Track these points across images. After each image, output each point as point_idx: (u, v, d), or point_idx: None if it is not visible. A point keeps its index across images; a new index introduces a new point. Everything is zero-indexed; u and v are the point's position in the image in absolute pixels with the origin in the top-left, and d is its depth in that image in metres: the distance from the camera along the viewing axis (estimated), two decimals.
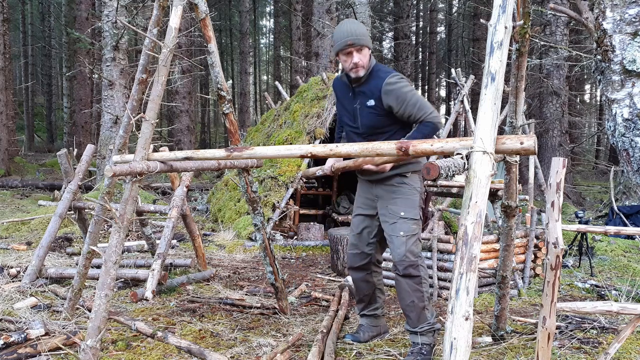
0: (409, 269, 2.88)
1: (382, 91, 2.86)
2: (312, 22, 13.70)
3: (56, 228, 4.29)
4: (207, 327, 3.39)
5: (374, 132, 2.97)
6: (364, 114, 2.96)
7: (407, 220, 2.92)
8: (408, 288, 2.91)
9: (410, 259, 2.88)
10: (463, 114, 7.40)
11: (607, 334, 3.31)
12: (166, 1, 2.86)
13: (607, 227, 3.52)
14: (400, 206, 2.94)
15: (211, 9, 4.36)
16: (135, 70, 3.48)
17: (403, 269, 2.89)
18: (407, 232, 2.90)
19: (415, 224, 2.95)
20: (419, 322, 2.93)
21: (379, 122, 2.95)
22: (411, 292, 2.90)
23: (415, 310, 2.92)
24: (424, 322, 2.93)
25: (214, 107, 27.89)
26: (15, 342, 2.84)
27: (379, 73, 2.93)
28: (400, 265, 2.89)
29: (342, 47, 2.89)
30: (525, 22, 2.38)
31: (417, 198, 3.00)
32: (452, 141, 1.96)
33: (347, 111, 3.08)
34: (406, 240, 2.89)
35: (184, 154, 2.63)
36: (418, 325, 2.93)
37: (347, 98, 3.06)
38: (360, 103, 2.97)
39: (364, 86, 2.95)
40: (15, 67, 23.29)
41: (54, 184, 12.03)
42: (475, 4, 17.28)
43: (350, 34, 2.87)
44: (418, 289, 2.91)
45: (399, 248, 2.89)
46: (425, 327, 2.93)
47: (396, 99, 2.84)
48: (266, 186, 7.13)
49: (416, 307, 2.92)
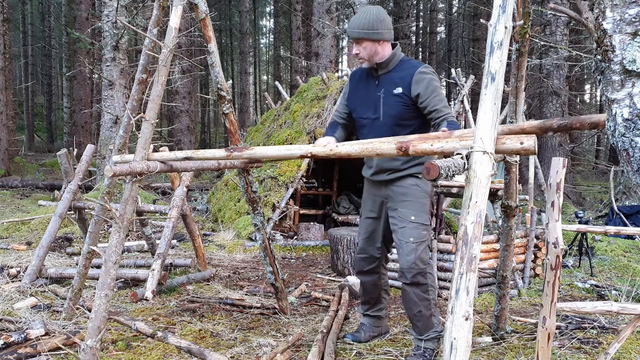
0: (417, 276, 2.82)
1: (414, 79, 2.79)
2: (312, 22, 13.70)
3: (56, 228, 4.28)
4: (207, 327, 3.39)
5: (397, 122, 2.86)
6: (389, 103, 2.86)
7: (418, 226, 2.84)
8: (415, 298, 2.84)
9: (420, 266, 2.81)
10: (463, 114, 7.40)
11: (607, 334, 3.31)
12: (166, 1, 2.86)
13: (607, 227, 3.53)
14: (411, 210, 2.86)
15: (211, 9, 4.36)
16: (135, 70, 3.48)
17: (411, 276, 2.82)
18: (417, 239, 2.83)
19: (425, 229, 2.87)
20: (426, 330, 2.89)
21: (403, 112, 2.85)
22: (418, 301, 2.85)
23: (422, 320, 2.87)
24: (430, 330, 2.89)
25: (214, 107, 27.89)
26: (15, 342, 2.84)
27: (411, 62, 2.89)
28: (409, 272, 2.82)
29: (348, 38, 2.93)
30: (525, 22, 2.38)
31: (428, 202, 2.93)
32: (452, 141, 1.96)
33: (367, 101, 2.96)
34: (416, 247, 2.82)
35: (184, 154, 2.63)
36: (424, 334, 2.89)
37: (368, 86, 2.97)
38: (385, 91, 2.88)
39: (393, 73, 2.88)
40: (15, 67, 23.28)
41: (54, 184, 12.03)
42: (475, 4, 17.28)
43: (352, 26, 2.86)
44: (425, 298, 2.86)
45: (409, 255, 2.82)
46: (431, 334, 2.90)
47: (426, 87, 2.77)
48: (266, 186, 7.13)
49: (423, 316, 2.87)
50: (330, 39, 13.23)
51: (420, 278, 2.82)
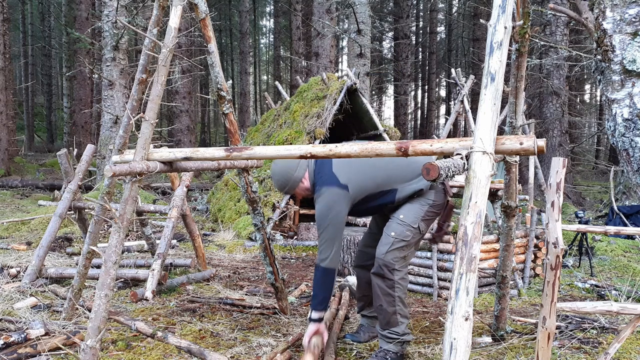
0: (383, 268, 2.80)
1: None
2: (312, 22, 13.71)
3: (56, 228, 4.29)
4: (207, 327, 3.39)
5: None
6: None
7: (404, 224, 2.84)
8: (378, 290, 2.84)
9: (389, 260, 2.79)
10: (463, 114, 7.41)
11: (607, 334, 3.31)
12: (166, 1, 2.86)
13: (607, 227, 3.52)
14: (403, 209, 2.88)
15: (211, 9, 4.36)
16: (135, 70, 3.48)
17: (377, 267, 2.82)
18: (398, 235, 2.82)
19: (409, 230, 2.84)
20: (387, 326, 2.86)
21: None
22: (381, 295, 2.83)
23: (382, 313, 2.86)
24: (392, 327, 2.86)
25: (214, 107, 27.90)
26: (15, 342, 2.84)
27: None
28: (377, 262, 2.82)
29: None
30: (525, 22, 2.38)
31: (426, 209, 2.89)
32: (452, 141, 1.96)
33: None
34: (393, 242, 2.81)
35: (183, 153, 2.63)
36: (387, 329, 2.87)
37: None
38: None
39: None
40: (15, 67, 23.29)
41: (54, 184, 12.04)
42: (475, 4, 17.29)
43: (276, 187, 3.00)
44: (389, 293, 2.82)
45: (384, 246, 2.82)
46: (392, 334, 2.86)
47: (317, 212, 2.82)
48: (266, 186, 7.13)
49: (384, 311, 2.84)
50: (330, 39, 13.23)
51: (385, 271, 2.80)
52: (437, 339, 3.24)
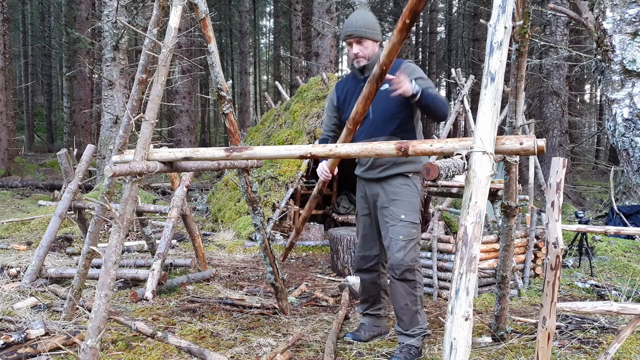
0: (405, 273, 2.88)
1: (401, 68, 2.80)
2: (312, 22, 13.71)
3: (56, 228, 4.29)
4: (207, 327, 3.39)
5: (387, 117, 2.92)
6: (377, 100, 2.87)
7: (407, 224, 2.90)
8: (403, 291, 2.91)
9: (408, 263, 2.88)
10: (463, 114, 7.40)
11: (607, 334, 3.31)
12: (166, 1, 2.86)
13: (607, 227, 3.52)
14: (401, 208, 2.92)
15: (211, 9, 4.37)
16: (135, 70, 3.48)
17: (400, 273, 2.89)
18: (406, 237, 2.89)
19: (414, 228, 2.93)
20: (411, 325, 2.94)
21: (391, 105, 2.90)
22: (405, 295, 2.91)
23: (408, 314, 2.93)
24: (415, 326, 2.94)
25: (214, 107, 27.89)
26: (15, 342, 2.84)
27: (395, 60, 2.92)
28: (398, 269, 2.89)
29: (343, 38, 2.96)
30: (525, 22, 2.38)
31: (418, 201, 2.98)
32: (452, 141, 1.96)
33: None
34: (405, 245, 2.88)
35: (183, 153, 2.63)
36: (410, 328, 2.94)
37: (356, 89, 2.99)
38: None
39: None
40: (15, 67, 23.29)
41: (54, 184, 12.03)
42: (475, 4, 17.28)
43: (351, 26, 2.91)
44: (412, 293, 2.92)
45: (398, 252, 2.89)
46: (417, 330, 2.94)
47: (411, 74, 2.80)
48: (266, 186, 7.13)
49: (409, 310, 2.92)
50: (330, 39, 13.23)
51: (408, 274, 2.89)
52: (437, 339, 3.24)
